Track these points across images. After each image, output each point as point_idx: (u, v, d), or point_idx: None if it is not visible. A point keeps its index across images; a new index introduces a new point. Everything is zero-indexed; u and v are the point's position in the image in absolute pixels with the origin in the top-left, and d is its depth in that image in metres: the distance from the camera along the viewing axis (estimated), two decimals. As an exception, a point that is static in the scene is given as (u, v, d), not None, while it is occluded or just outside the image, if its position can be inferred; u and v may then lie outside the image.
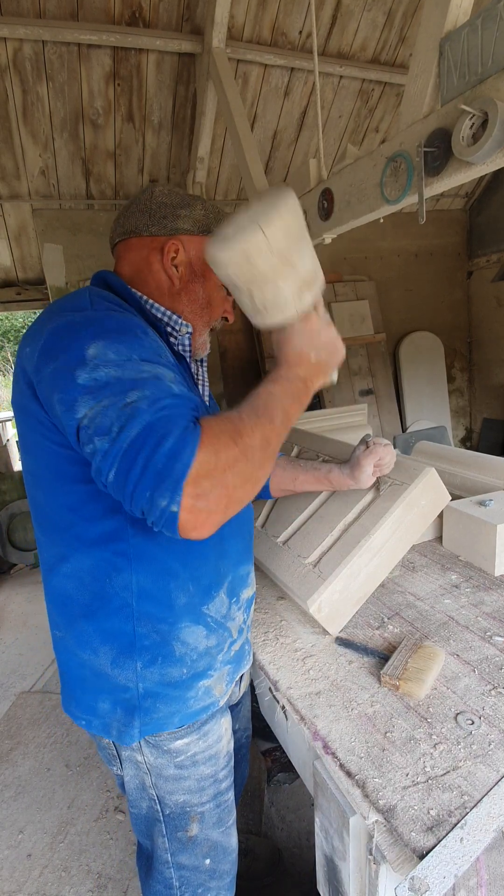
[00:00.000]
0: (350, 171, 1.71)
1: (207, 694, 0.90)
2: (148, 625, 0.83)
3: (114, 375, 0.66)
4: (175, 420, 0.63)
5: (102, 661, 0.84)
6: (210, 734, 0.93)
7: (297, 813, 1.76)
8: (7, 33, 2.51)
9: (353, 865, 0.76)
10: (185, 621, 0.85)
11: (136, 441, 0.62)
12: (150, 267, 0.88)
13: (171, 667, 0.85)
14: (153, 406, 0.63)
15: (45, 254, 3.51)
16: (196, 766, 0.92)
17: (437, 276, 4.91)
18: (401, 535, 1.16)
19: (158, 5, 2.68)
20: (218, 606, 0.89)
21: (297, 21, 2.96)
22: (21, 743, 2.19)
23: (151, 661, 0.83)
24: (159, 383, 0.67)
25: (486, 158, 1.17)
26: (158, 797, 0.93)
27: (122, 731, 0.86)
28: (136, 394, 0.64)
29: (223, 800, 0.99)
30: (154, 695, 0.85)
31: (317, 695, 0.93)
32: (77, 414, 0.66)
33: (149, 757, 0.90)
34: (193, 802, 0.94)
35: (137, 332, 0.73)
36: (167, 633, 0.84)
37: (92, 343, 0.68)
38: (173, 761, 0.90)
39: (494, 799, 0.69)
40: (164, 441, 0.61)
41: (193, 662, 0.87)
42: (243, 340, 4.11)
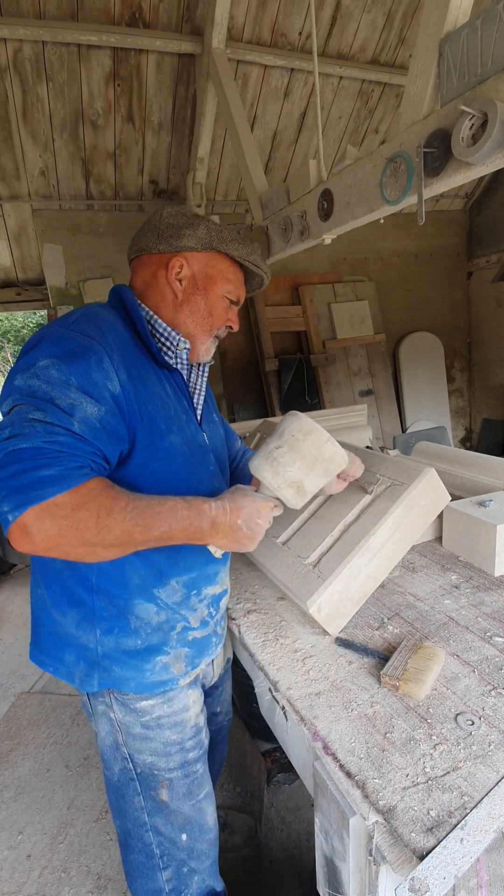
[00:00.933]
0: (350, 171, 1.71)
1: (165, 670, 0.98)
2: (105, 599, 0.92)
3: (42, 390, 0.75)
4: (64, 458, 0.73)
5: (69, 622, 0.94)
6: (175, 701, 1.01)
7: (296, 814, 1.76)
8: (7, 34, 2.51)
9: (353, 866, 0.76)
10: (139, 599, 0.94)
11: (20, 454, 0.71)
12: (156, 281, 0.97)
13: (126, 637, 0.94)
14: (46, 436, 0.73)
15: (45, 254, 3.51)
16: (161, 729, 1.00)
17: (436, 277, 4.91)
18: (401, 535, 1.16)
19: (158, 6, 2.68)
20: (169, 593, 0.96)
21: (297, 22, 2.96)
22: (21, 744, 2.19)
23: (108, 630, 0.93)
24: (65, 417, 0.75)
25: (486, 159, 1.18)
26: (130, 755, 1.00)
27: (83, 681, 0.96)
28: (41, 415, 0.73)
29: (192, 770, 1.04)
30: (111, 658, 0.94)
31: (317, 695, 0.93)
32: (3, 408, 0.79)
33: (118, 713, 0.99)
34: (161, 766, 1.00)
35: (92, 359, 0.80)
36: (123, 607, 0.93)
37: (46, 357, 0.78)
38: (139, 720, 0.99)
39: (494, 799, 0.69)
40: (41, 470, 0.71)
41: (147, 636, 0.96)
42: (243, 342, 4.11)
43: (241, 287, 1.05)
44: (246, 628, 1.16)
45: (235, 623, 1.19)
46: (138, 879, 1.08)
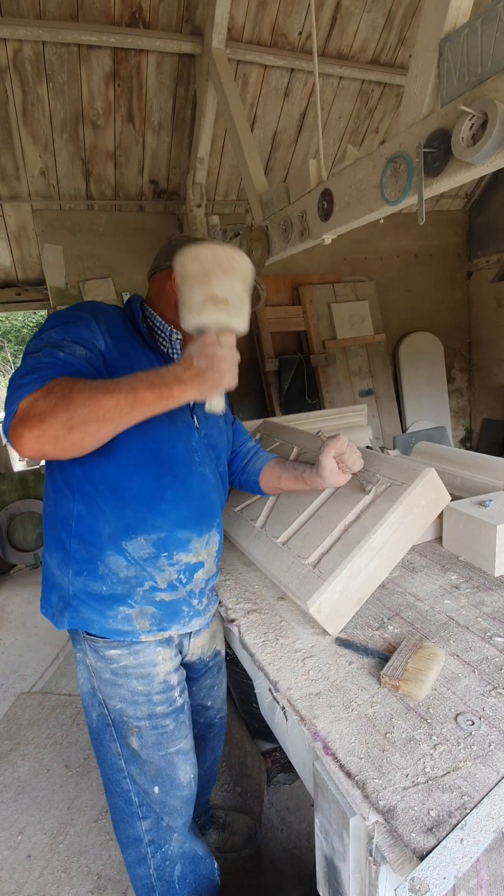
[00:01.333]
0: (350, 171, 1.71)
1: (127, 621, 1.08)
2: (80, 543, 1.05)
3: (43, 344, 0.95)
4: (42, 372, 0.88)
5: (53, 563, 1.10)
6: (140, 655, 1.10)
7: (297, 814, 1.76)
8: (7, 34, 2.51)
9: (353, 866, 0.76)
10: (110, 550, 1.04)
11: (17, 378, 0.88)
12: (164, 290, 1.16)
13: (93, 581, 1.06)
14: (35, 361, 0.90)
15: (45, 254, 3.51)
16: (129, 678, 1.10)
17: (436, 277, 4.91)
18: (401, 535, 1.16)
19: (158, 6, 2.68)
20: (136, 548, 1.05)
21: (297, 22, 2.96)
22: (21, 744, 2.19)
23: (79, 571, 1.06)
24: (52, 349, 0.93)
25: (486, 159, 1.18)
26: (104, 701, 1.11)
27: (57, 619, 1.10)
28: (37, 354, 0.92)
29: (160, 723, 1.12)
30: (79, 598, 1.07)
31: (317, 695, 0.93)
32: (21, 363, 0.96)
33: (91, 659, 1.10)
34: (129, 713, 1.10)
35: (81, 323, 1.00)
36: (95, 554, 1.05)
37: (50, 328, 0.99)
38: (109, 667, 1.09)
39: (494, 800, 0.69)
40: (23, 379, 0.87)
41: (113, 585, 1.06)
42: (243, 342, 4.10)
43: None
44: (246, 628, 1.16)
45: (235, 623, 1.19)
46: (120, 825, 1.18)
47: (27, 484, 4.10)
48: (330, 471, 1.19)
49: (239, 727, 2.02)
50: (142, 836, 1.16)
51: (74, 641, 1.13)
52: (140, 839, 1.16)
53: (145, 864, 1.17)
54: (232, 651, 1.50)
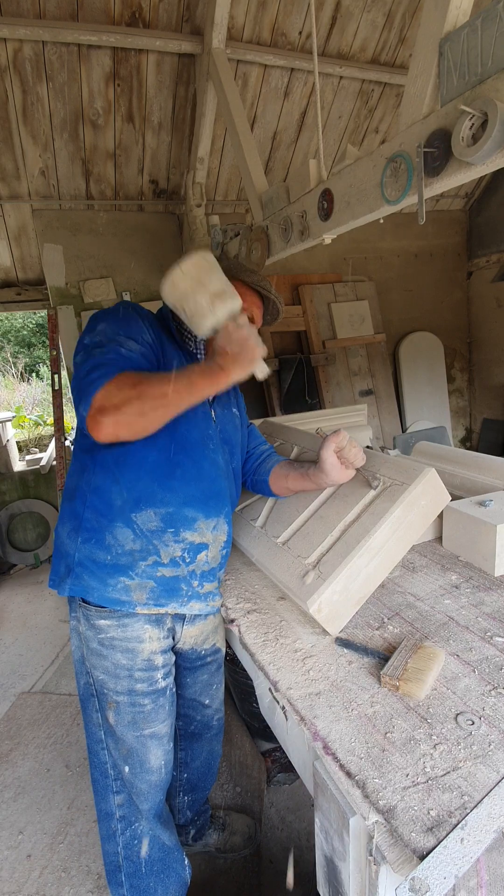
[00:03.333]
0: (350, 171, 1.71)
1: (125, 592, 1.12)
2: (93, 513, 1.11)
3: (99, 340, 1.05)
4: (106, 366, 0.99)
5: (64, 533, 1.16)
6: (128, 628, 1.13)
7: (297, 813, 1.76)
8: (7, 34, 2.51)
9: (353, 866, 0.76)
10: (119, 522, 1.10)
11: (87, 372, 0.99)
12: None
13: (98, 550, 1.11)
14: (102, 356, 1.01)
15: (45, 254, 3.51)
16: (114, 651, 1.13)
17: (436, 277, 4.91)
18: (401, 535, 1.16)
19: (158, 6, 2.68)
20: (144, 519, 1.11)
21: (297, 22, 2.96)
22: (21, 744, 2.19)
23: (87, 539, 1.11)
24: (116, 346, 1.03)
25: (486, 159, 1.18)
26: (90, 670, 1.16)
27: (60, 585, 1.15)
28: (100, 349, 1.03)
29: (138, 702, 1.15)
30: (82, 565, 1.12)
31: (317, 695, 0.93)
32: (76, 358, 1.06)
33: (83, 626, 1.15)
34: (109, 686, 1.14)
35: (131, 319, 1.11)
36: (105, 525, 1.11)
37: (101, 323, 1.10)
38: (97, 636, 1.13)
39: (495, 799, 0.69)
40: (93, 373, 0.98)
41: (117, 556, 1.11)
42: (243, 341, 4.10)
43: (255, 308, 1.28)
44: (246, 628, 1.16)
45: (235, 623, 1.19)
46: (97, 797, 1.21)
47: (27, 484, 4.09)
48: (331, 465, 1.21)
49: (239, 727, 2.02)
50: (113, 811, 1.19)
51: (71, 609, 1.18)
52: (111, 814, 1.19)
53: (114, 841, 1.20)
54: (232, 651, 1.51)
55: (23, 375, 10.47)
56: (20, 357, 11.31)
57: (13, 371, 10.43)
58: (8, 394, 9.32)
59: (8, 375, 10.25)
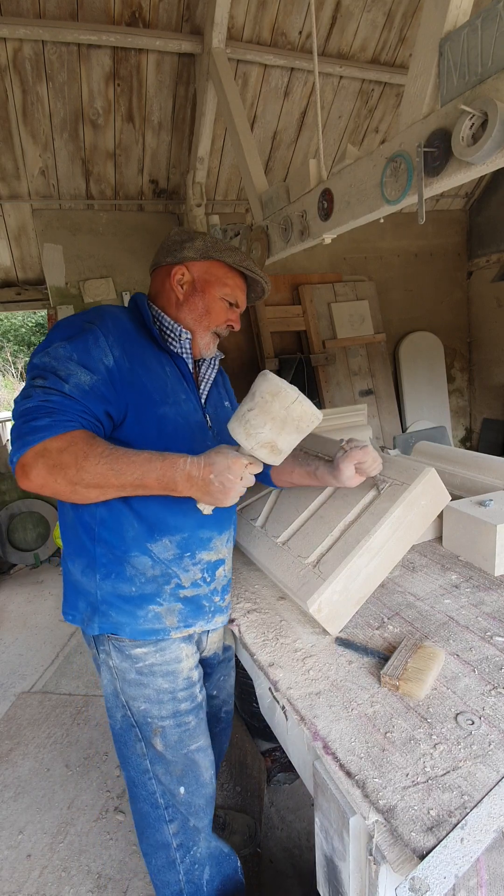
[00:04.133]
0: (350, 171, 1.71)
1: (157, 619, 1.08)
2: (105, 547, 1.05)
3: (50, 364, 0.95)
4: (57, 413, 0.90)
5: (77, 570, 1.09)
6: (167, 652, 1.09)
7: (297, 813, 1.76)
8: (7, 33, 2.51)
9: (353, 866, 0.76)
10: (135, 551, 1.05)
11: (25, 411, 0.90)
12: (164, 287, 1.16)
13: (121, 583, 1.05)
14: (42, 396, 0.91)
15: (45, 254, 3.51)
16: (154, 677, 1.09)
17: (436, 277, 4.91)
18: (401, 535, 1.16)
19: (158, 5, 2.68)
20: (161, 549, 1.06)
21: (297, 21, 2.96)
22: (21, 743, 2.19)
23: (106, 575, 1.05)
24: (59, 382, 0.93)
25: (486, 159, 1.18)
26: (127, 703, 1.10)
27: (87, 624, 1.09)
28: (42, 382, 0.93)
29: (183, 721, 1.11)
30: (108, 602, 1.06)
31: (317, 695, 0.93)
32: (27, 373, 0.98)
33: (116, 660, 1.09)
34: (153, 713, 1.09)
35: (90, 339, 0.99)
36: (121, 556, 1.05)
37: (57, 340, 0.98)
38: (134, 667, 1.08)
39: (495, 799, 0.69)
40: (37, 421, 0.89)
41: (142, 585, 1.06)
42: (243, 341, 4.11)
43: (238, 291, 1.19)
44: (246, 628, 1.16)
45: (235, 623, 1.19)
46: (146, 830, 1.15)
47: (27, 484, 4.09)
48: (347, 477, 1.18)
49: (239, 727, 2.02)
50: (170, 841, 1.13)
51: (97, 643, 1.11)
52: (168, 844, 1.13)
53: (174, 870, 1.15)
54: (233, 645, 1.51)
55: (23, 375, 10.47)
56: (20, 356, 11.31)
57: (13, 370, 10.43)
58: (8, 393, 9.32)
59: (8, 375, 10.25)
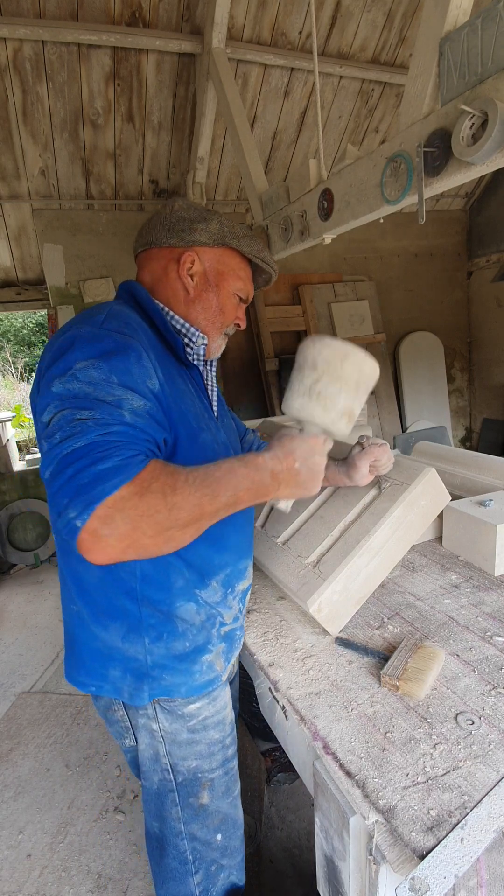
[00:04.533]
0: (350, 171, 1.71)
1: (211, 668, 0.97)
2: (151, 606, 0.90)
3: (84, 391, 0.71)
4: (121, 448, 0.69)
5: (114, 636, 0.91)
6: (218, 700, 1.00)
7: (297, 813, 1.76)
8: (7, 33, 2.51)
9: (353, 866, 0.76)
10: (181, 601, 0.92)
11: (76, 453, 0.67)
12: (167, 276, 0.94)
13: (175, 641, 0.92)
14: (100, 429, 0.69)
15: (45, 254, 3.51)
16: (207, 731, 0.99)
17: (437, 277, 4.91)
18: (401, 535, 1.16)
19: (158, 5, 2.68)
20: (210, 593, 0.95)
21: (297, 21, 2.96)
22: (21, 743, 2.19)
23: (157, 637, 0.91)
24: (115, 411, 0.71)
25: (486, 159, 1.18)
26: (171, 765, 0.98)
27: (132, 694, 0.93)
28: (89, 413, 0.70)
29: (230, 767, 1.04)
30: (162, 666, 0.92)
31: (317, 695, 0.93)
32: (44, 418, 0.73)
33: (164, 723, 0.96)
34: (204, 768, 0.99)
35: (131, 356, 0.77)
36: (167, 612, 0.91)
37: (83, 359, 0.74)
38: (186, 725, 0.96)
39: (495, 799, 0.69)
40: (99, 463, 0.66)
41: (194, 637, 0.94)
42: (243, 341, 4.11)
43: (250, 284, 1.03)
44: (246, 628, 1.16)
45: (235, 623, 1.19)
46: (169, 882, 1.07)
47: (27, 484, 4.09)
48: (363, 475, 1.15)
49: (239, 727, 2.02)
50: (193, 892, 1.07)
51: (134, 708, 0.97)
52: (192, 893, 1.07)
53: None
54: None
55: (23, 375, 10.47)
56: (20, 357, 11.31)
57: (13, 371, 10.43)
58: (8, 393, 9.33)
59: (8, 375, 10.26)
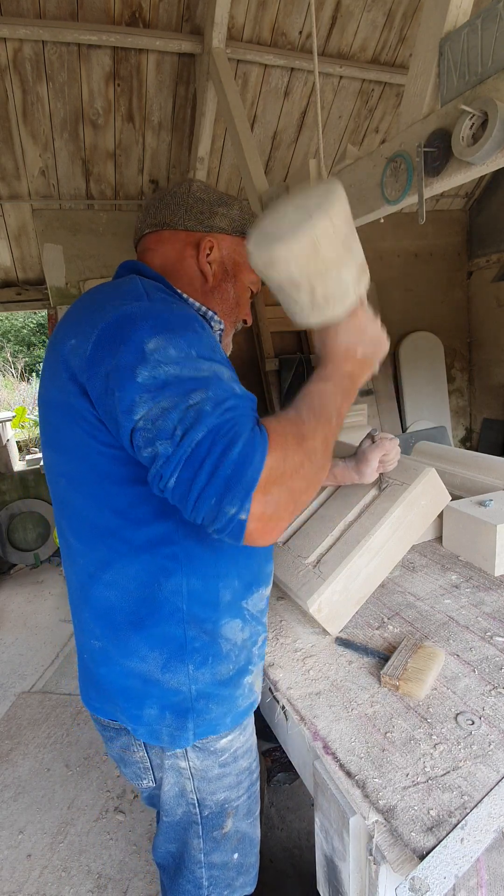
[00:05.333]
0: (350, 171, 1.71)
1: (251, 691, 0.91)
2: (197, 627, 0.81)
3: (174, 374, 0.62)
4: (241, 423, 0.61)
5: (152, 667, 0.81)
6: (248, 727, 0.94)
7: (297, 813, 1.76)
8: (7, 33, 2.51)
9: (353, 866, 0.76)
10: (226, 617, 0.83)
11: (202, 446, 0.59)
12: (183, 261, 0.86)
13: (220, 664, 0.83)
14: (218, 408, 0.61)
15: (45, 254, 3.51)
16: (237, 762, 0.92)
17: (436, 277, 4.91)
18: (401, 535, 1.16)
19: (158, 5, 2.68)
20: (255, 601, 0.88)
21: (297, 21, 2.96)
22: (21, 743, 2.19)
23: (203, 661, 0.82)
24: (220, 383, 0.64)
25: (486, 159, 1.17)
26: (199, 800, 0.91)
27: (175, 737, 0.83)
28: (199, 395, 0.61)
29: (253, 791, 0.99)
30: (207, 696, 0.83)
31: (317, 695, 0.93)
32: (135, 415, 0.62)
33: (194, 762, 0.87)
34: (231, 798, 0.93)
35: (196, 326, 0.70)
36: (212, 631, 0.82)
37: (151, 338, 0.64)
38: (218, 761, 0.89)
39: (495, 799, 0.69)
40: (233, 446, 0.58)
41: (237, 657, 0.86)
42: (243, 341, 4.11)
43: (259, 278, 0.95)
44: (246, 628, 1.16)
45: (235, 623, 1.19)
46: None
47: (27, 484, 4.10)
48: (372, 469, 1.12)
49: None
50: None
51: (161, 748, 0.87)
52: None
53: None
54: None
55: (23, 375, 10.48)
56: (20, 357, 11.32)
57: (13, 371, 10.43)
58: (8, 393, 9.33)
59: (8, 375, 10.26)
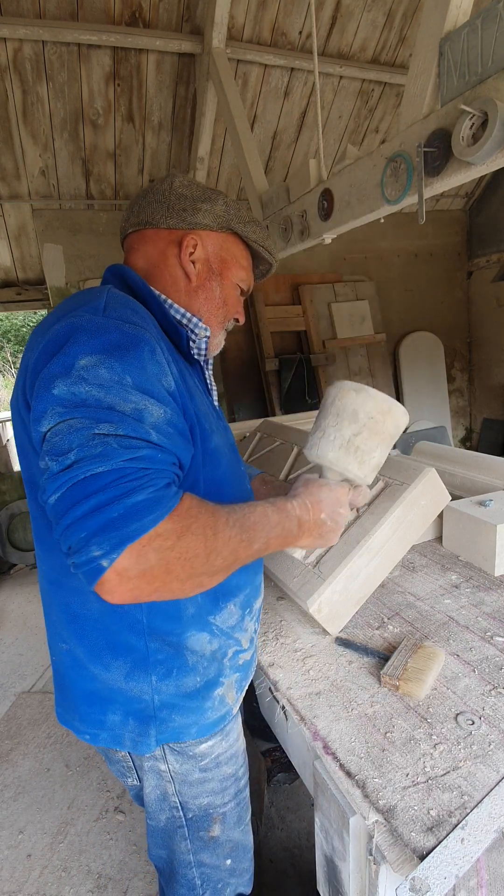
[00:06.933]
0: (350, 171, 1.71)
1: (222, 703, 0.89)
2: (159, 639, 0.80)
3: (95, 396, 0.60)
4: (153, 477, 0.60)
5: (115, 675, 0.81)
6: (230, 734, 0.94)
7: (297, 813, 1.76)
8: (7, 33, 2.51)
9: (353, 866, 0.76)
10: (192, 630, 0.83)
11: (99, 480, 0.57)
12: (165, 261, 0.84)
13: (185, 677, 0.83)
14: (126, 452, 0.59)
15: (45, 254, 3.51)
16: (219, 767, 0.92)
17: (436, 277, 4.91)
18: (401, 535, 1.16)
19: (158, 5, 2.68)
20: (225, 617, 0.87)
21: (297, 21, 2.96)
22: (21, 743, 2.19)
23: (166, 673, 0.82)
24: (138, 426, 0.61)
25: (486, 159, 1.18)
26: (181, 804, 0.91)
27: (137, 742, 0.83)
28: (109, 428, 0.59)
29: (242, 797, 0.99)
30: (170, 706, 0.83)
31: (317, 695, 0.93)
32: (42, 427, 0.61)
33: (173, 765, 0.88)
34: (216, 804, 0.93)
35: (145, 350, 0.66)
36: (177, 643, 0.82)
37: (87, 355, 0.62)
38: (198, 765, 0.89)
39: (495, 799, 0.69)
40: (134, 494, 0.58)
41: (205, 669, 0.85)
42: (243, 341, 4.11)
43: (251, 275, 0.94)
44: (246, 628, 1.16)
45: (235, 623, 1.19)
46: None
47: (27, 484, 4.10)
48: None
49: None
50: None
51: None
52: None
53: None
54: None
55: (23, 375, 10.47)
56: (20, 357, 11.32)
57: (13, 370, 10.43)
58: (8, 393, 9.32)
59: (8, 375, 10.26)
